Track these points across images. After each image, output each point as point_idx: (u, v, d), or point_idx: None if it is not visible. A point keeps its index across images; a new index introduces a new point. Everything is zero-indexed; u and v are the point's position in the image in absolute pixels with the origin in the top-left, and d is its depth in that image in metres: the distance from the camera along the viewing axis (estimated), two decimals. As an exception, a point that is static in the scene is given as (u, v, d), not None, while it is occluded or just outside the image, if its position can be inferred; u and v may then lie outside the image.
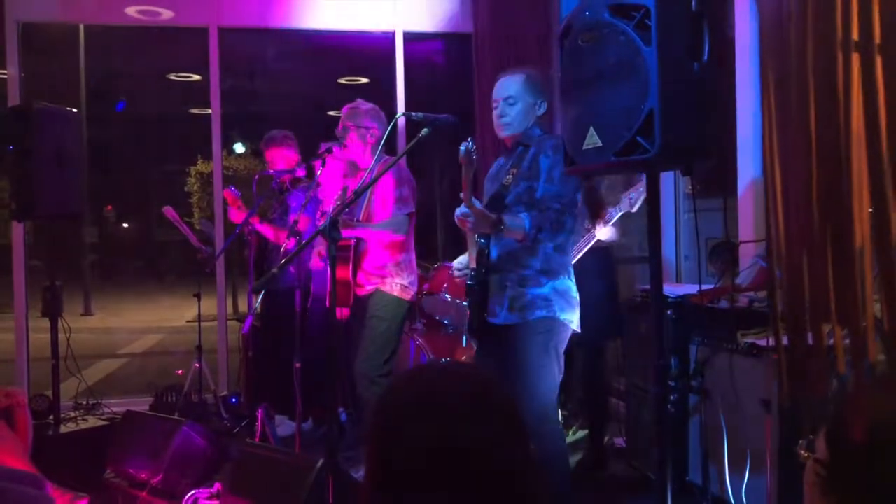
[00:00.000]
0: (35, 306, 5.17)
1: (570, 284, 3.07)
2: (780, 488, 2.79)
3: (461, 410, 1.02)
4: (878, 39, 2.16)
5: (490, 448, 1.01)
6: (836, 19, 2.24)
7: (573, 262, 3.78)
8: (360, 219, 3.76)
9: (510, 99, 3.01)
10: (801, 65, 2.34)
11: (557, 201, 2.88)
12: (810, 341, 2.39)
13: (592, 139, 2.19)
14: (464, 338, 4.51)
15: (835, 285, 2.28)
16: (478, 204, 2.84)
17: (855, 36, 2.21)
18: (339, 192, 3.95)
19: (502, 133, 3.05)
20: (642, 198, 3.71)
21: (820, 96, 2.29)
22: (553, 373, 2.96)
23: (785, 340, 2.53)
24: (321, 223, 3.83)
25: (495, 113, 3.06)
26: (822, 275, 2.31)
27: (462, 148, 2.78)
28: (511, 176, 3.00)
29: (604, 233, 3.82)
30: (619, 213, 3.78)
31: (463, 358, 4.37)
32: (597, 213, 3.85)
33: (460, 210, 2.77)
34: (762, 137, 2.46)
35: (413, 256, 3.92)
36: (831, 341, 2.34)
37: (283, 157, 4.71)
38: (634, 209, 3.76)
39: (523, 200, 2.94)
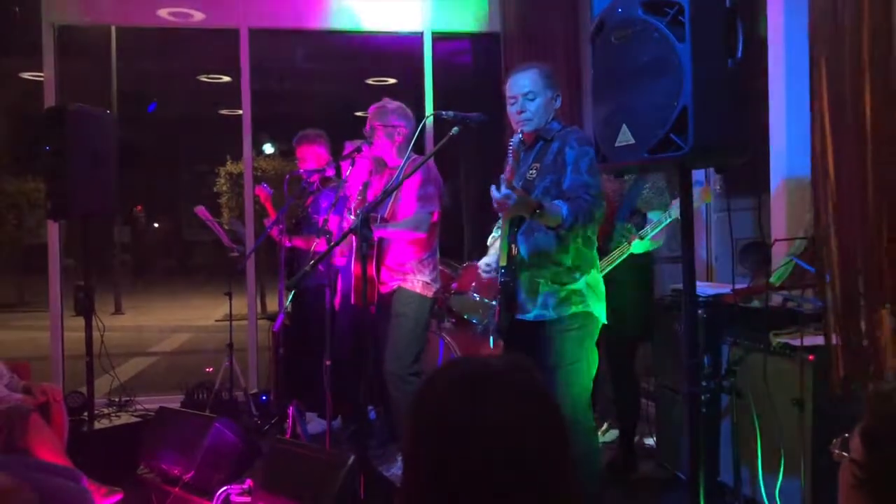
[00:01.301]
0: (68, 305, 5.26)
1: (599, 277, 3.09)
2: (814, 489, 2.76)
3: (502, 402, 1.02)
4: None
5: (531, 444, 1.00)
6: (893, 5, 2.20)
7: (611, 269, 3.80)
8: (385, 216, 3.78)
9: (530, 94, 2.99)
10: (856, 53, 2.30)
11: (586, 191, 2.85)
12: (864, 332, 2.37)
13: (625, 136, 2.19)
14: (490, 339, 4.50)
15: (890, 271, 2.26)
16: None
17: None
18: (360, 188, 3.96)
19: (523, 129, 3.02)
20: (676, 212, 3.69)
21: (875, 85, 2.26)
22: (587, 369, 2.97)
23: (835, 339, 2.50)
24: (348, 222, 3.86)
25: (513, 109, 3.03)
26: (877, 262, 2.29)
27: (514, 140, 2.91)
28: (535, 171, 2.99)
29: (638, 245, 3.80)
30: (654, 231, 3.75)
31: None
32: (642, 226, 3.85)
33: (503, 192, 2.65)
34: (812, 129, 2.42)
35: (436, 254, 3.92)
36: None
37: (314, 155, 4.75)
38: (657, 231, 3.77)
39: (551, 193, 2.92)
